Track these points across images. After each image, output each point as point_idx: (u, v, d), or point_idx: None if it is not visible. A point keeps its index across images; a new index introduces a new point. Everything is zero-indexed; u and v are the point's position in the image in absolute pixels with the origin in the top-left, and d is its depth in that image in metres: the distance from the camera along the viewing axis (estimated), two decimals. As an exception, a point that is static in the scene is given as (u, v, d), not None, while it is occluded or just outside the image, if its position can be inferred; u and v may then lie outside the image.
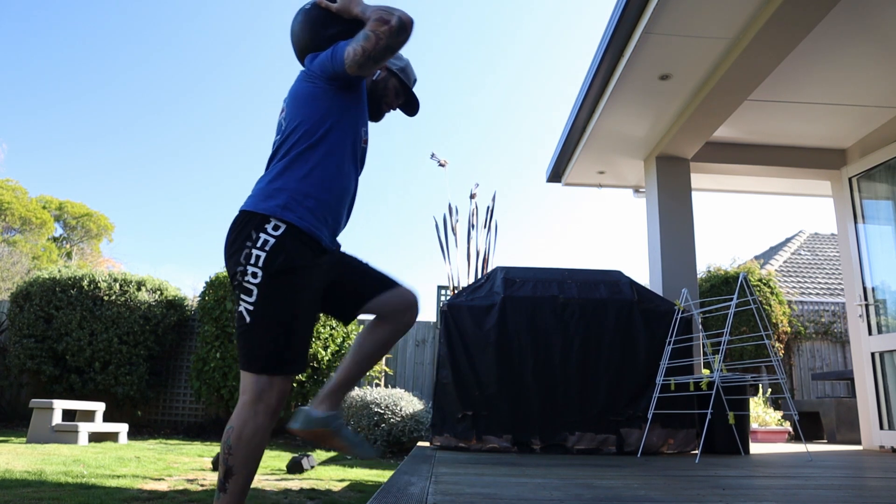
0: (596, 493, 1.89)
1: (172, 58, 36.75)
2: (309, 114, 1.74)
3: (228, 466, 1.55)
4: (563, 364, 3.82)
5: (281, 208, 1.65)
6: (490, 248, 7.15)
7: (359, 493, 3.37)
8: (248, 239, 1.63)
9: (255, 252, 1.62)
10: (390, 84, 1.98)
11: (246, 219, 1.67)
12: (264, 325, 1.61)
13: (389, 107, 2.03)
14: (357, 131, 1.83)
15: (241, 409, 1.60)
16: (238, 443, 1.56)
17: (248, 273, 1.61)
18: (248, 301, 1.61)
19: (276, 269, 1.61)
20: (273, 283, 1.61)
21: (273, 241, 1.62)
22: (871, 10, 3.49)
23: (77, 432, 5.98)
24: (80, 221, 22.68)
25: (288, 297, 1.63)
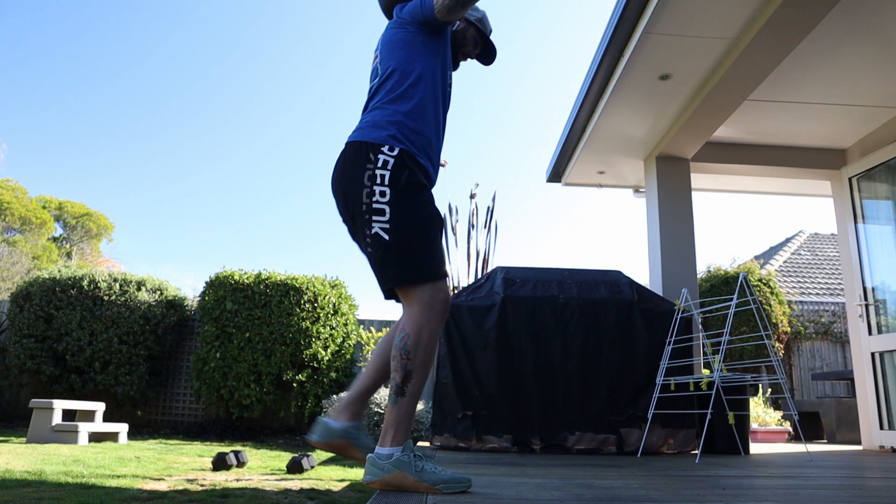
0: (596, 493, 1.89)
1: (172, 57, 36.76)
2: (404, 57, 1.86)
3: (407, 371, 1.61)
4: (563, 364, 3.82)
5: (392, 137, 1.74)
6: (490, 248, 7.15)
7: (359, 493, 3.36)
8: (368, 161, 1.71)
9: (378, 172, 1.69)
10: (469, 34, 2.12)
11: (358, 147, 1.74)
12: (407, 237, 1.67)
13: (467, 56, 2.16)
14: (446, 73, 1.95)
15: (414, 316, 1.65)
16: (416, 347, 1.63)
17: (375, 193, 1.68)
18: (383, 220, 1.67)
19: (402, 184, 1.68)
20: (403, 198, 1.68)
21: (393, 159, 1.70)
22: (871, 10, 3.49)
23: (77, 432, 5.98)
24: (80, 221, 22.67)
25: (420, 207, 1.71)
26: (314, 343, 7.43)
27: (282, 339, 7.33)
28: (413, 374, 1.63)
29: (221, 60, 37.65)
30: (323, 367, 7.54)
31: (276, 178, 40.01)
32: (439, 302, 1.68)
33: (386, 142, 1.73)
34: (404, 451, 1.63)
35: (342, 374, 7.83)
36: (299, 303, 7.46)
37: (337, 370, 7.74)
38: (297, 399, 7.50)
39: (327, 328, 7.63)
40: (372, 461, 1.64)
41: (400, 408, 1.63)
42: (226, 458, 4.26)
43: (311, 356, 7.43)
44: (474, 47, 2.15)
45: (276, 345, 7.31)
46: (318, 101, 40.69)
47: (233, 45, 37.87)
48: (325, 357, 7.53)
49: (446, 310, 1.71)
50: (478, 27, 2.13)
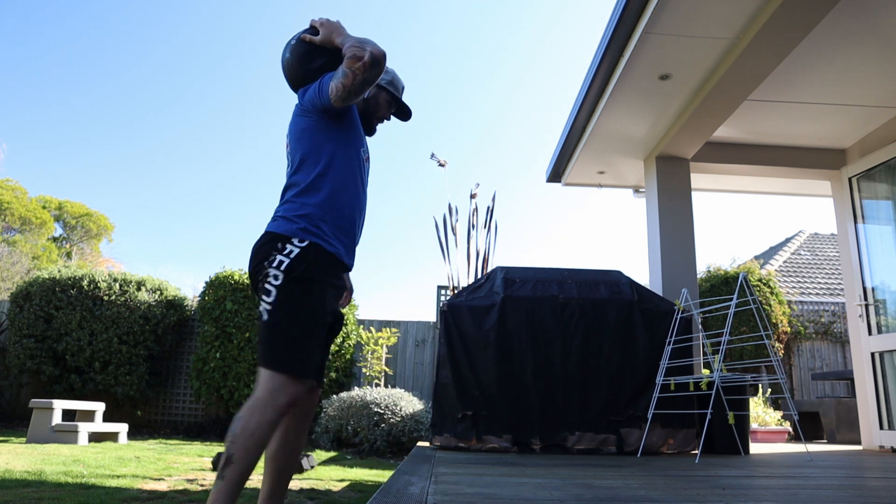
0: (596, 493, 1.89)
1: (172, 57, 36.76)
2: (310, 146, 1.88)
3: (229, 454, 1.60)
4: (563, 364, 3.82)
5: (302, 231, 1.79)
6: (490, 248, 7.15)
7: (359, 493, 3.36)
8: (275, 249, 1.77)
9: (279, 257, 1.75)
10: (381, 98, 2.11)
11: (270, 237, 1.81)
12: (280, 325, 1.72)
13: (382, 119, 2.16)
14: (357, 152, 1.96)
15: (252, 402, 1.67)
16: (242, 433, 1.61)
17: (269, 275, 1.74)
18: (268, 301, 1.73)
19: (297, 274, 1.74)
20: (291, 287, 1.73)
21: (298, 250, 1.76)
22: (870, 10, 3.49)
23: (77, 432, 5.98)
24: (80, 221, 22.67)
25: (304, 302, 1.75)
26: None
27: (282, 339, 7.32)
28: (233, 459, 1.59)
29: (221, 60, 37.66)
30: (323, 367, 7.53)
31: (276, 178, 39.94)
32: (281, 398, 1.66)
33: (296, 234, 1.78)
34: None
35: (342, 374, 7.83)
36: (299, 303, 7.45)
37: (337, 370, 7.74)
38: (297, 399, 7.49)
39: (327, 328, 7.62)
40: None
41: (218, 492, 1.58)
42: (226, 458, 4.25)
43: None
44: (388, 109, 2.14)
45: (276, 345, 7.30)
46: (318, 101, 40.56)
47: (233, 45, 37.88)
48: None
49: (284, 410, 1.67)
50: (388, 90, 2.11)
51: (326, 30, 1.89)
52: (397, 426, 5.94)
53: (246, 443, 1.61)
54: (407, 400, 6.32)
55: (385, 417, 5.98)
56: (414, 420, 6.03)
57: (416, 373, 8.50)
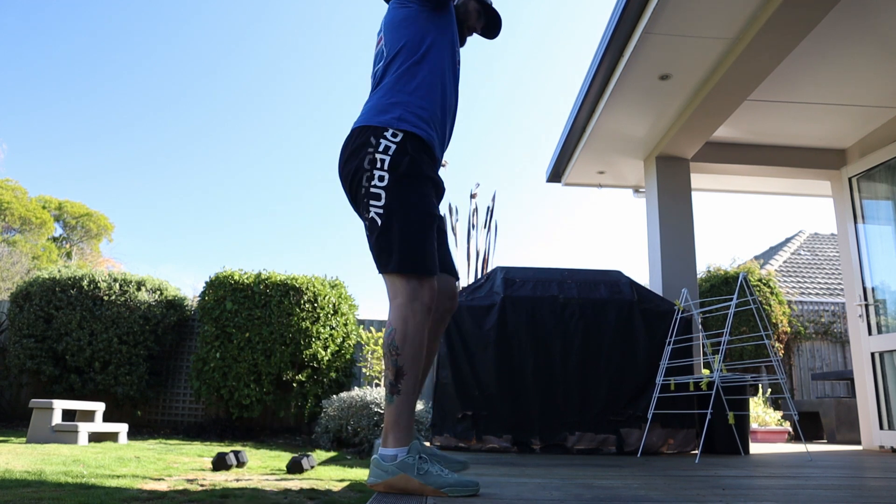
0: (596, 493, 1.89)
1: (172, 57, 36.76)
2: (409, 34, 1.83)
3: (399, 367, 1.57)
4: (563, 364, 3.82)
5: (397, 120, 1.71)
6: (490, 248, 7.15)
7: (359, 493, 3.36)
8: (369, 145, 1.68)
9: (378, 156, 1.66)
10: (471, 6, 2.09)
11: (362, 132, 1.72)
12: (400, 224, 1.64)
13: (472, 30, 2.13)
14: (454, 49, 1.93)
15: (398, 309, 1.61)
16: (404, 341, 1.58)
17: (374, 177, 1.66)
18: (378, 205, 1.65)
19: (402, 171, 1.66)
20: (401, 185, 1.66)
21: (395, 145, 1.68)
22: (870, 10, 3.49)
23: (77, 432, 5.98)
24: (80, 221, 22.67)
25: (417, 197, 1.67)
26: (314, 343, 7.43)
27: (282, 340, 7.33)
28: (405, 369, 1.59)
29: (221, 61, 37.66)
30: (323, 367, 7.54)
31: (277, 179, 40.03)
32: (423, 296, 1.63)
33: (390, 124, 1.71)
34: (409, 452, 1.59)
35: (342, 374, 7.83)
36: (299, 303, 7.46)
37: (337, 370, 7.74)
38: (297, 399, 7.50)
39: (327, 328, 7.63)
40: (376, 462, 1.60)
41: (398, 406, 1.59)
42: (226, 458, 4.26)
43: (311, 356, 7.43)
44: (477, 20, 2.12)
45: (276, 345, 7.31)
46: (318, 101, 40.71)
47: (233, 45, 37.89)
48: (325, 357, 7.53)
49: (430, 307, 1.65)
50: None
51: None
52: (397, 426, 5.94)
53: (410, 350, 1.59)
54: (407, 400, 6.31)
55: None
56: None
57: (416, 373, 8.48)
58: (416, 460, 1.59)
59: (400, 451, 1.59)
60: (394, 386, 1.59)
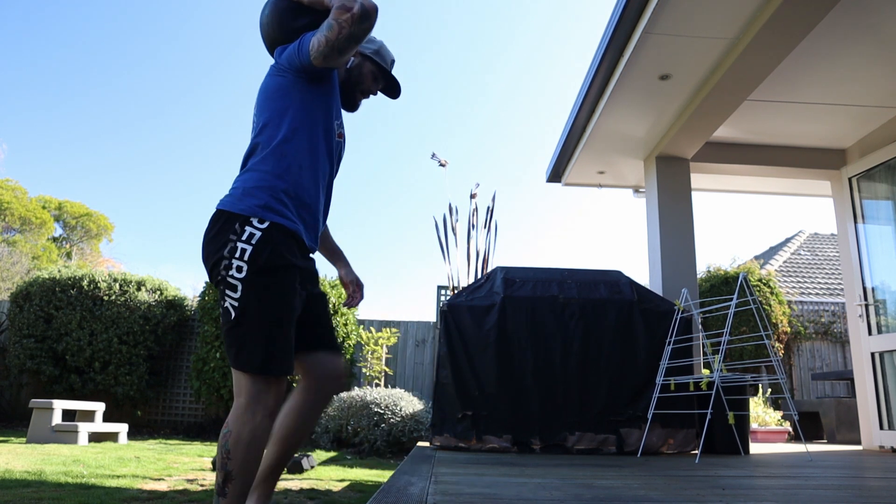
0: (596, 493, 1.89)
1: (172, 57, 36.76)
2: (279, 108, 1.69)
3: (227, 471, 1.50)
4: (563, 364, 3.82)
5: (261, 207, 1.61)
6: (490, 248, 7.15)
7: (359, 493, 3.36)
8: (233, 232, 1.58)
9: (240, 245, 1.56)
10: (365, 69, 1.92)
11: (225, 218, 1.62)
12: (253, 321, 1.55)
13: (368, 93, 1.96)
14: (330, 124, 1.78)
15: (238, 411, 1.53)
16: (237, 447, 1.50)
17: (232, 267, 1.56)
18: (234, 297, 1.55)
19: (261, 263, 1.56)
20: (259, 277, 1.56)
21: (259, 234, 1.58)
22: (870, 10, 3.49)
23: (77, 432, 5.98)
24: (80, 221, 22.67)
25: (275, 292, 1.57)
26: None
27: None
28: (233, 475, 1.48)
29: (222, 61, 37.66)
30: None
31: (276, 178, 39.93)
32: (268, 399, 1.53)
33: (255, 213, 1.60)
34: None
35: (342, 374, 7.82)
36: (299, 303, 7.46)
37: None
38: (296, 399, 7.49)
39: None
40: None
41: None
42: (226, 458, 4.25)
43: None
44: (374, 82, 1.94)
45: (276, 345, 7.30)
46: (318, 101, 40.61)
47: (233, 45, 37.88)
48: None
49: (274, 411, 1.55)
50: (375, 60, 1.92)
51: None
52: (397, 426, 5.94)
53: (243, 455, 1.50)
54: (407, 400, 6.32)
55: (385, 417, 5.98)
56: (414, 420, 6.03)
57: (416, 373, 8.50)
58: None
59: None
60: (220, 489, 1.50)
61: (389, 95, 2.03)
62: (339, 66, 1.73)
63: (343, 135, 1.86)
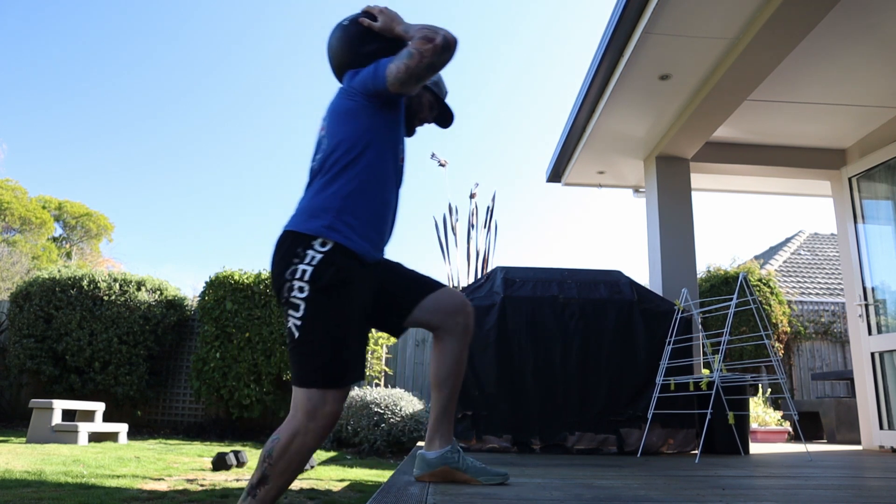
0: (596, 493, 1.89)
1: (172, 57, 36.76)
2: (350, 131, 1.74)
3: (265, 475, 1.53)
4: (563, 364, 3.82)
5: (326, 228, 1.64)
6: (490, 248, 7.16)
7: (359, 493, 3.37)
8: (296, 255, 1.63)
9: (301, 267, 1.61)
10: (425, 99, 2.01)
11: (291, 237, 1.66)
12: (314, 340, 1.59)
13: (423, 121, 2.05)
14: (396, 148, 1.84)
15: (293, 422, 1.57)
16: (282, 456, 1.53)
17: (294, 288, 1.60)
18: (296, 316, 1.60)
19: (323, 283, 1.60)
20: (320, 298, 1.60)
21: (321, 256, 1.61)
22: (870, 10, 3.49)
23: (77, 432, 5.98)
24: (80, 221, 22.67)
25: (336, 311, 1.61)
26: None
27: (282, 339, 7.33)
28: (269, 480, 1.53)
29: (222, 60, 37.66)
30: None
31: (277, 179, 40.02)
32: (323, 415, 1.56)
33: (319, 233, 1.63)
34: None
35: (342, 374, 7.82)
36: (299, 303, 7.45)
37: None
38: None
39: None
40: None
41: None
42: (226, 458, 4.26)
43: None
44: (430, 112, 2.03)
45: (276, 345, 7.31)
46: (318, 101, 40.72)
47: (233, 45, 37.89)
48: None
49: (329, 425, 1.58)
50: (434, 91, 2.02)
51: (387, 17, 1.82)
52: (397, 426, 5.94)
53: (284, 466, 1.53)
54: (407, 400, 6.32)
55: (385, 417, 5.98)
56: (414, 420, 6.02)
57: (416, 373, 8.50)
58: None
59: None
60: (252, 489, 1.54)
61: (441, 125, 2.11)
62: (411, 93, 1.80)
63: (404, 158, 1.93)
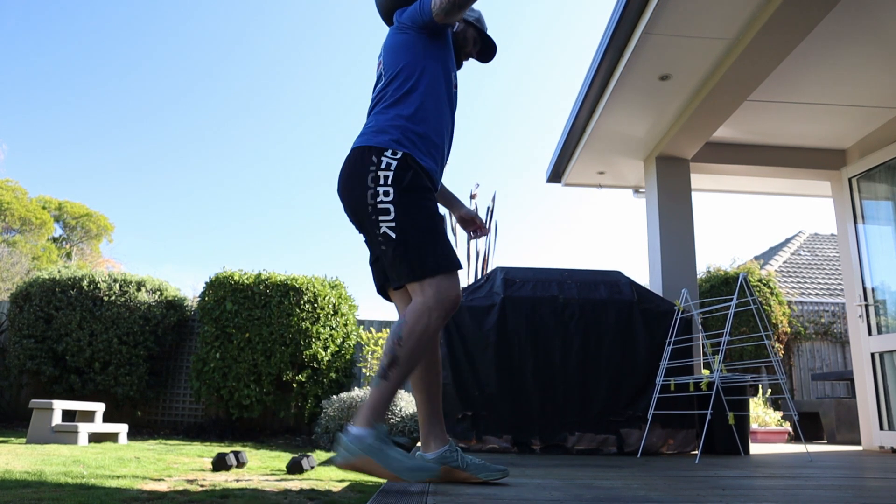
0: (596, 493, 1.89)
1: (172, 57, 36.77)
2: (406, 60, 1.90)
3: (395, 356, 1.62)
4: (563, 364, 3.82)
5: (395, 142, 1.78)
6: (490, 249, 7.16)
7: (359, 494, 3.37)
8: (371, 164, 1.74)
9: (381, 173, 1.72)
10: (468, 34, 2.18)
11: (362, 152, 1.78)
12: (414, 235, 1.69)
13: (469, 55, 2.22)
14: (449, 75, 1.99)
15: (419, 307, 1.65)
16: (410, 335, 1.62)
17: (379, 193, 1.71)
18: (389, 219, 1.69)
19: (406, 184, 1.72)
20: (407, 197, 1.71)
21: (396, 162, 1.74)
22: (870, 10, 3.49)
23: (77, 433, 5.98)
24: (80, 222, 22.67)
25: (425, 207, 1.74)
26: (314, 343, 7.43)
27: (282, 340, 7.33)
28: (399, 360, 1.62)
29: (221, 61, 37.67)
30: (323, 367, 7.53)
31: (277, 179, 40.03)
32: (449, 295, 1.67)
33: (389, 146, 1.76)
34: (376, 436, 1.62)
35: (342, 375, 7.83)
36: (299, 303, 7.46)
37: (337, 370, 7.74)
38: (297, 399, 7.50)
39: (327, 328, 7.63)
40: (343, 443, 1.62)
41: (380, 390, 1.62)
42: (226, 458, 4.26)
43: (311, 356, 7.43)
44: (474, 46, 2.20)
45: (276, 345, 7.31)
46: (318, 100, 40.73)
47: (233, 45, 37.90)
48: (325, 357, 7.53)
49: (454, 306, 1.69)
50: (476, 26, 2.18)
51: None
52: (397, 426, 5.94)
53: (412, 345, 1.62)
54: (407, 400, 6.32)
55: (385, 418, 5.99)
56: (414, 420, 6.03)
57: (416, 373, 8.49)
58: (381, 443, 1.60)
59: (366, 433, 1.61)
60: (384, 372, 1.62)
61: (484, 59, 2.29)
62: (455, 22, 1.93)
63: (457, 85, 2.08)
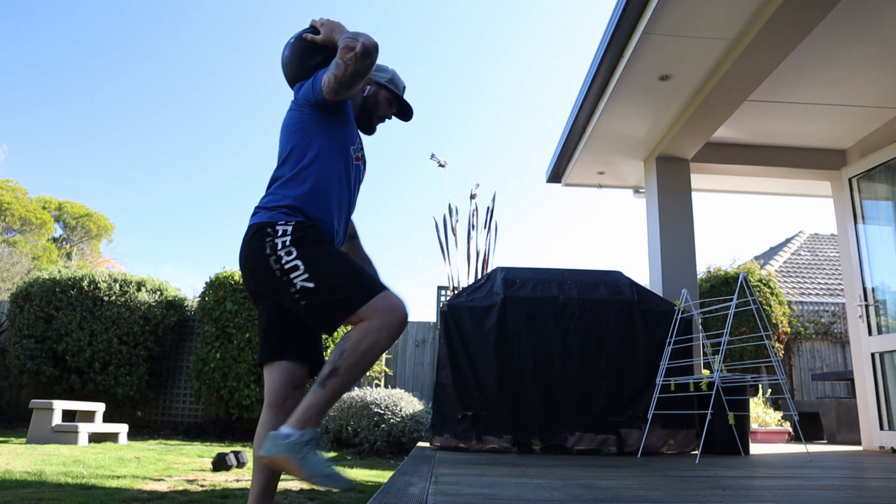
0: (596, 493, 1.89)
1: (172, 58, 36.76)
2: (299, 139, 1.87)
3: (336, 367, 1.63)
4: (563, 364, 3.82)
5: (286, 214, 1.78)
6: (490, 249, 7.16)
7: (359, 494, 3.37)
8: (267, 236, 1.74)
9: (279, 240, 1.73)
10: (381, 96, 2.10)
11: (258, 228, 1.78)
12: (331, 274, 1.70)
13: (384, 118, 2.15)
14: (347, 150, 1.94)
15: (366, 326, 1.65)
16: (353, 351, 1.63)
17: (282, 257, 1.71)
18: (300, 273, 1.69)
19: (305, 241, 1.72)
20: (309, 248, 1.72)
21: (290, 227, 1.74)
22: (870, 10, 3.49)
23: (77, 433, 5.98)
24: (80, 222, 22.67)
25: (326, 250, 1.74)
26: (313, 343, 7.42)
27: (282, 340, 7.32)
28: (339, 372, 1.63)
29: (221, 61, 37.66)
30: (322, 367, 7.53)
31: (276, 179, 39.92)
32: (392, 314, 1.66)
33: (280, 218, 1.77)
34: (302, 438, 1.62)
35: (342, 375, 7.82)
36: (299, 303, 7.45)
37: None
38: (297, 399, 7.49)
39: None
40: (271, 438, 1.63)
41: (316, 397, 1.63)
42: (226, 458, 4.26)
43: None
44: (389, 107, 2.13)
45: (276, 345, 7.30)
46: (318, 101, 40.60)
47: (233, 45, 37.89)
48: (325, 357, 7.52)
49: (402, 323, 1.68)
50: (389, 88, 2.11)
51: (327, 28, 1.90)
52: (397, 427, 5.94)
53: (355, 360, 1.63)
54: (407, 400, 6.32)
55: (385, 418, 5.98)
56: (414, 420, 6.03)
57: (416, 373, 8.50)
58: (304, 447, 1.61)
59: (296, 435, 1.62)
60: (323, 380, 1.64)
61: (402, 118, 2.22)
62: (349, 98, 1.92)
63: (361, 157, 2.04)
